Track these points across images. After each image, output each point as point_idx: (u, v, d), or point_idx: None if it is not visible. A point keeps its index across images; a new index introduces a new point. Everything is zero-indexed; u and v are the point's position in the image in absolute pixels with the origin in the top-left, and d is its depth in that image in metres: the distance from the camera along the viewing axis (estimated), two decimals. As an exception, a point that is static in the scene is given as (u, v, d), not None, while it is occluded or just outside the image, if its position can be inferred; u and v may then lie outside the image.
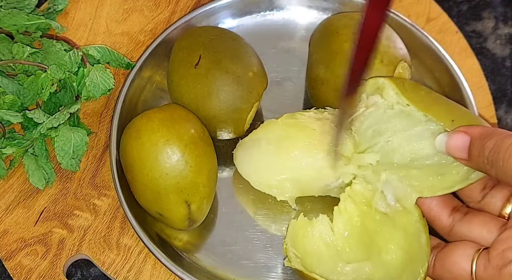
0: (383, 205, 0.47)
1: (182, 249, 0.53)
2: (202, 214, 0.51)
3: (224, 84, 0.51)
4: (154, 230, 0.53)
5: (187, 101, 0.52)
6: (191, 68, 0.52)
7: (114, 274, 0.52)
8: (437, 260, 0.43)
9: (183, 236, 0.53)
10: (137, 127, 0.49)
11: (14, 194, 0.55)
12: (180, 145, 0.47)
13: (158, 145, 0.47)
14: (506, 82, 0.63)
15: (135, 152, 0.48)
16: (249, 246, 0.53)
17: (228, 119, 0.52)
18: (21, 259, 0.52)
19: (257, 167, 0.51)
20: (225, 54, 0.52)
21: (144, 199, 0.50)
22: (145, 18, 0.64)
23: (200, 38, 0.54)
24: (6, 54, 0.57)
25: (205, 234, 0.53)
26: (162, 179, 0.47)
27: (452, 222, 0.44)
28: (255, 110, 0.53)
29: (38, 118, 0.53)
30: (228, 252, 0.52)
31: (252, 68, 0.52)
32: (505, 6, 0.67)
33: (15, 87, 0.55)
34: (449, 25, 0.64)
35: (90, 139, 0.57)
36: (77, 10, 0.64)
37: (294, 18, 0.63)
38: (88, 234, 0.53)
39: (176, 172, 0.47)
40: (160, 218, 0.50)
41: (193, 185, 0.48)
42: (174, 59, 0.54)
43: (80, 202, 0.54)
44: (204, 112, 0.51)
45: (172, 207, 0.48)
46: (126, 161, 0.50)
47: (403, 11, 0.64)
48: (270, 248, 0.53)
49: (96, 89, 0.56)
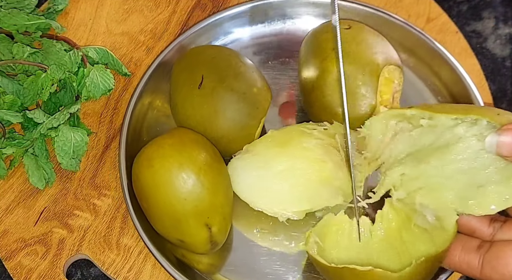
0: (423, 222, 0.46)
1: (205, 272, 0.52)
2: (224, 235, 0.49)
3: (230, 102, 0.50)
4: (175, 255, 0.52)
5: (194, 123, 0.51)
6: (194, 89, 0.51)
7: (114, 274, 0.52)
8: (486, 261, 0.42)
9: (204, 259, 0.52)
10: (148, 155, 0.48)
11: (14, 194, 0.55)
12: (195, 168, 0.46)
13: (172, 171, 0.46)
14: (506, 82, 0.63)
15: (150, 180, 0.47)
16: (270, 262, 0.52)
17: (237, 137, 0.51)
18: (21, 259, 0.52)
19: (250, 189, 0.50)
20: (227, 73, 0.51)
21: (161, 226, 0.48)
22: (145, 18, 0.64)
23: (199, 58, 0.53)
24: (6, 54, 0.57)
25: (226, 255, 0.52)
26: (180, 205, 0.46)
27: (493, 231, 0.43)
28: (262, 125, 0.53)
29: (38, 118, 0.53)
30: (251, 270, 0.51)
31: (255, 83, 0.52)
32: (505, 6, 0.67)
33: (15, 87, 0.55)
34: (449, 25, 0.64)
35: (90, 139, 0.57)
36: (77, 10, 0.64)
37: (294, 28, 0.63)
38: (88, 234, 0.53)
39: (193, 196, 0.46)
40: (181, 245, 0.49)
41: (212, 207, 0.47)
42: (175, 81, 0.54)
43: (80, 202, 0.54)
44: (213, 132, 0.51)
45: (193, 232, 0.47)
46: (141, 190, 0.48)
47: (403, 11, 0.64)
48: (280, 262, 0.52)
49: (96, 89, 0.56)
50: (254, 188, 0.50)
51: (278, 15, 0.63)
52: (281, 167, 0.50)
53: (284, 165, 0.50)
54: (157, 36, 0.63)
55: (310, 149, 0.50)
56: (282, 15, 0.63)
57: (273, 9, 0.62)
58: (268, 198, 0.50)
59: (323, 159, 0.50)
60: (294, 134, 0.51)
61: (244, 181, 0.50)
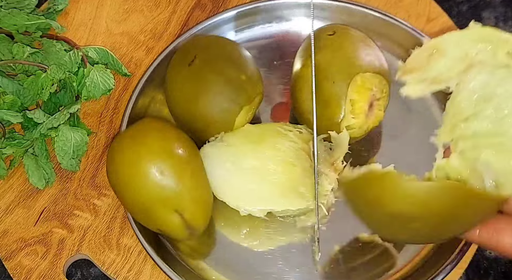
0: (478, 183, 0.41)
1: (186, 260, 0.52)
2: (201, 220, 0.49)
3: (215, 84, 0.51)
4: (160, 241, 0.52)
5: (178, 98, 0.52)
6: (185, 67, 0.52)
7: (114, 274, 0.52)
8: None
9: (185, 247, 0.52)
10: (111, 150, 0.49)
11: (14, 194, 0.55)
12: (150, 156, 0.47)
13: (130, 163, 0.47)
14: (506, 82, 0.63)
15: (114, 175, 0.48)
16: (259, 257, 0.52)
17: (216, 119, 0.51)
18: (21, 259, 0.52)
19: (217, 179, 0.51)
20: (220, 57, 0.52)
21: (139, 217, 0.49)
22: (145, 18, 0.64)
23: (198, 42, 0.55)
24: (6, 54, 0.57)
25: (210, 243, 0.53)
26: (145, 194, 0.47)
27: None
28: (249, 115, 0.53)
29: (38, 118, 0.53)
30: (236, 263, 0.52)
31: (245, 71, 0.52)
32: (505, 6, 0.67)
33: (15, 87, 0.55)
34: (449, 25, 0.64)
35: (90, 139, 0.57)
36: (77, 10, 0.64)
37: (296, 29, 0.63)
38: (88, 234, 0.53)
39: (152, 184, 0.46)
40: (162, 233, 0.50)
41: (176, 193, 0.47)
42: (172, 60, 0.55)
43: (80, 202, 0.54)
44: (192, 110, 0.52)
45: (165, 219, 0.47)
46: (113, 186, 0.49)
47: (403, 11, 0.64)
48: (280, 260, 0.52)
49: (97, 89, 0.56)
50: (220, 179, 0.51)
51: (278, 17, 0.63)
52: (250, 164, 0.50)
53: (253, 163, 0.50)
54: (157, 36, 0.63)
55: (282, 151, 0.51)
56: (282, 17, 0.63)
57: (273, 11, 0.62)
58: (232, 191, 0.50)
59: (293, 163, 0.50)
60: (270, 133, 0.52)
61: (213, 170, 0.51)
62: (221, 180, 0.51)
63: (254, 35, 0.63)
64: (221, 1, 0.65)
